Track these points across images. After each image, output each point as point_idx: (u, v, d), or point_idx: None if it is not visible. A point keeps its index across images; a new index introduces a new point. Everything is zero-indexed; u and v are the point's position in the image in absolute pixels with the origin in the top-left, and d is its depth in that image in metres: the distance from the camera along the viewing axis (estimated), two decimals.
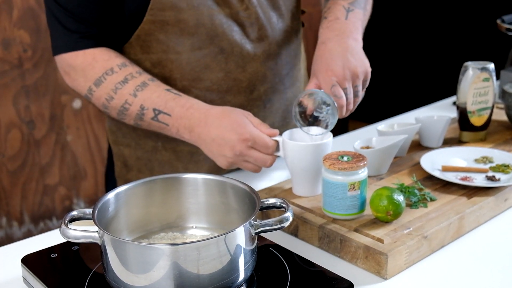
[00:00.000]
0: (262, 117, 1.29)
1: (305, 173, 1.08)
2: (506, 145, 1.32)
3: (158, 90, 1.14)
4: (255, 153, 1.09)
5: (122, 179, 1.32)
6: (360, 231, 0.96)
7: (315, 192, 1.10)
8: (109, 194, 0.89)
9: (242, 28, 1.20)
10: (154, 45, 1.18)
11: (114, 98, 1.15)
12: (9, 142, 2.18)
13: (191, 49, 1.18)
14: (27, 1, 2.09)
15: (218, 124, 1.09)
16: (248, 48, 1.22)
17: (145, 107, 1.13)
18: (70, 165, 2.34)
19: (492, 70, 1.33)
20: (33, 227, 2.30)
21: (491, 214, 1.08)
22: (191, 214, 0.96)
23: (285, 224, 0.83)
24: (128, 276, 0.78)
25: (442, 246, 0.99)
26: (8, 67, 2.12)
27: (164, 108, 1.13)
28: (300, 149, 1.07)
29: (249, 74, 1.24)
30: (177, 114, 1.12)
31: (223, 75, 1.21)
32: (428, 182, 1.13)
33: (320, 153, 1.07)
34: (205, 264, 0.77)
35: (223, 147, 1.09)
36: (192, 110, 1.12)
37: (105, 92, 1.15)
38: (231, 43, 1.20)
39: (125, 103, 1.14)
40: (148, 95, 1.13)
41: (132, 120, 1.17)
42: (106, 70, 1.14)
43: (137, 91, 1.13)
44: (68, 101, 2.28)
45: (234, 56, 1.21)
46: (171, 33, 1.16)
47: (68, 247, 0.95)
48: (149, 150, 1.29)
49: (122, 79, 1.14)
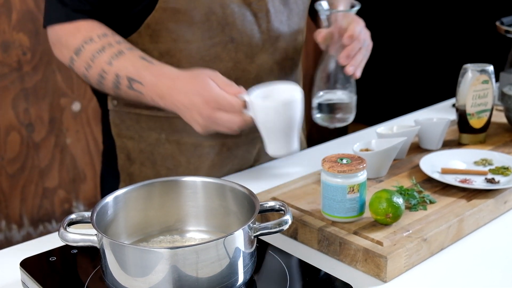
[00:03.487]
0: None
1: (276, 132, 1.04)
2: (505, 147, 1.32)
3: (133, 59, 1.13)
4: (222, 115, 1.05)
5: (125, 172, 1.31)
6: (360, 233, 0.96)
7: (289, 149, 1.05)
8: (108, 197, 0.89)
9: (253, 19, 1.21)
10: (163, 34, 1.18)
11: (92, 67, 1.14)
12: (8, 145, 2.18)
13: (202, 38, 1.18)
14: (26, 4, 2.09)
15: (186, 90, 1.07)
16: (257, 40, 1.23)
17: (120, 75, 1.12)
18: (69, 168, 2.34)
19: (492, 72, 1.33)
20: (32, 230, 2.29)
21: (491, 217, 1.08)
22: (190, 217, 0.96)
23: (284, 227, 0.83)
24: (127, 280, 0.78)
25: (442, 249, 0.99)
26: (7, 70, 2.12)
27: (137, 76, 1.11)
28: (268, 108, 1.03)
29: (257, 65, 1.24)
30: (149, 82, 1.10)
31: (232, 65, 1.22)
32: (428, 184, 1.13)
33: (290, 111, 1.02)
34: (204, 268, 0.77)
35: (192, 112, 1.07)
36: (162, 77, 1.10)
37: (84, 61, 1.15)
38: (241, 33, 1.20)
39: (102, 72, 1.14)
40: (123, 63, 1.12)
41: (111, 90, 1.16)
42: (85, 39, 1.14)
43: (112, 59, 1.12)
44: (67, 104, 2.28)
45: (243, 46, 1.21)
46: (182, 21, 1.16)
47: (67, 251, 0.95)
48: (152, 142, 1.28)
49: (100, 47, 1.13)
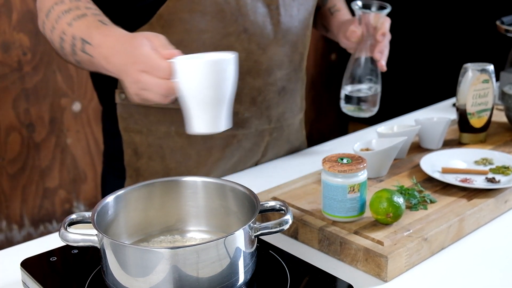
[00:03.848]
0: (275, 103, 1.31)
1: (201, 100, 0.89)
2: (506, 147, 1.32)
3: (91, 20, 1.04)
4: (149, 79, 0.93)
5: (132, 168, 1.30)
6: (360, 233, 0.96)
7: (215, 126, 0.91)
8: (109, 197, 0.89)
9: (265, 11, 1.22)
10: (176, 24, 1.17)
11: (55, 28, 1.08)
12: (9, 146, 2.18)
13: (216, 28, 1.18)
14: (26, 4, 2.09)
15: (121, 49, 0.97)
16: (269, 31, 1.24)
17: (76, 37, 1.05)
18: (70, 168, 2.34)
19: (492, 71, 1.33)
20: (33, 231, 2.30)
21: (491, 216, 1.08)
22: (191, 217, 0.96)
23: (284, 227, 0.83)
24: (128, 280, 0.78)
25: (442, 248, 0.99)
26: (8, 70, 2.12)
27: (88, 37, 1.02)
28: (193, 68, 0.89)
29: (268, 57, 1.25)
30: (97, 43, 1.01)
31: (245, 55, 1.22)
32: (428, 184, 1.13)
33: (218, 75, 0.89)
34: (204, 267, 0.77)
35: (122, 74, 0.97)
36: (109, 37, 1.00)
37: (51, 23, 1.09)
38: (253, 24, 1.21)
39: (62, 34, 1.07)
40: (81, 25, 1.04)
41: (71, 56, 1.09)
42: (57, 1, 1.09)
43: (74, 21, 1.06)
44: (67, 104, 2.28)
45: (256, 37, 1.22)
46: (196, 11, 1.16)
47: (68, 251, 0.95)
48: (161, 136, 1.27)
49: (66, 9, 1.07)
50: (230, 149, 1.29)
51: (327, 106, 3.21)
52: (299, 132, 1.45)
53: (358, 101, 1.32)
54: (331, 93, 3.21)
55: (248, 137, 1.31)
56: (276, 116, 1.33)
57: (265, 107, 1.29)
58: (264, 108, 1.29)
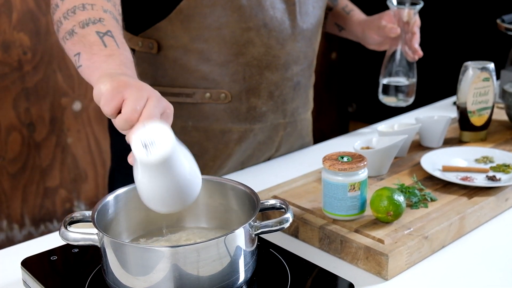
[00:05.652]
0: (290, 98, 1.33)
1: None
2: (506, 145, 1.32)
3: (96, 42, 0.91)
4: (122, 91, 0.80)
5: None
6: (361, 231, 0.96)
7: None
8: (109, 196, 0.89)
9: (283, 6, 1.24)
10: (196, 19, 1.18)
11: (67, 19, 0.96)
12: (9, 145, 2.18)
13: (237, 22, 1.19)
14: (26, 4, 2.09)
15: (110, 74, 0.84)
16: (287, 27, 1.25)
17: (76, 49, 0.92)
18: (70, 168, 2.34)
19: (492, 69, 1.33)
20: (33, 230, 2.30)
21: (492, 214, 1.08)
22: (191, 216, 0.96)
23: (285, 225, 0.83)
24: (128, 279, 0.78)
25: (443, 247, 0.99)
26: (8, 70, 2.12)
27: (86, 56, 0.90)
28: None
29: (286, 52, 1.27)
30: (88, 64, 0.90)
31: (264, 50, 1.24)
32: (429, 182, 1.13)
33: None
34: (205, 266, 0.77)
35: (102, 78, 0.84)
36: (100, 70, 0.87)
37: (65, 7, 0.96)
38: (272, 19, 1.23)
39: (70, 30, 0.94)
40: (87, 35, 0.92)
41: (61, 40, 0.98)
42: None
43: (85, 25, 0.93)
44: (68, 104, 2.28)
45: (275, 32, 1.24)
46: (217, 5, 1.17)
47: (68, 250, 0.95)
48: (177, 131, 1.24)
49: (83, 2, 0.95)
50: (246, 143, 1.31)
51: (327, 105, 3.21)
52: (309, 127, 1.48)
53: (396, 92, 1.45)
54: (332, 92, 3.20)
55: (264, 130, 1.33)
56: (291, 110, 1.35)
57: (281, 102, 1.31)
58: (280, 102, 1.31)
